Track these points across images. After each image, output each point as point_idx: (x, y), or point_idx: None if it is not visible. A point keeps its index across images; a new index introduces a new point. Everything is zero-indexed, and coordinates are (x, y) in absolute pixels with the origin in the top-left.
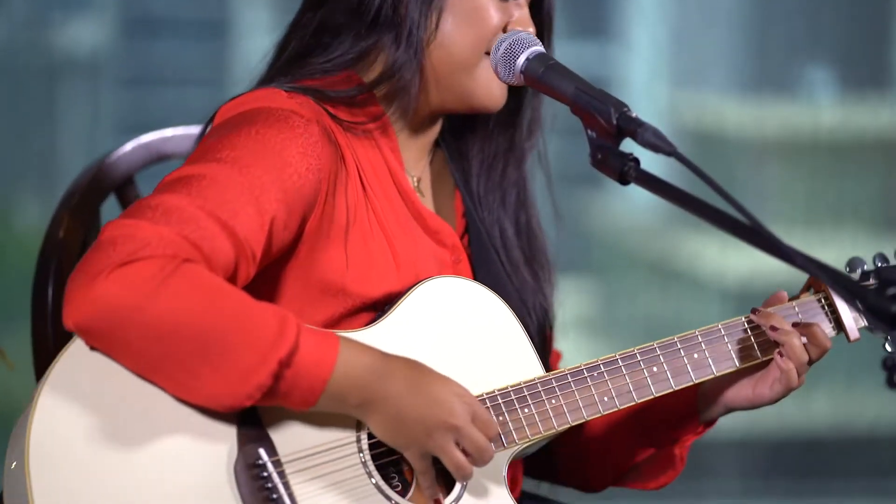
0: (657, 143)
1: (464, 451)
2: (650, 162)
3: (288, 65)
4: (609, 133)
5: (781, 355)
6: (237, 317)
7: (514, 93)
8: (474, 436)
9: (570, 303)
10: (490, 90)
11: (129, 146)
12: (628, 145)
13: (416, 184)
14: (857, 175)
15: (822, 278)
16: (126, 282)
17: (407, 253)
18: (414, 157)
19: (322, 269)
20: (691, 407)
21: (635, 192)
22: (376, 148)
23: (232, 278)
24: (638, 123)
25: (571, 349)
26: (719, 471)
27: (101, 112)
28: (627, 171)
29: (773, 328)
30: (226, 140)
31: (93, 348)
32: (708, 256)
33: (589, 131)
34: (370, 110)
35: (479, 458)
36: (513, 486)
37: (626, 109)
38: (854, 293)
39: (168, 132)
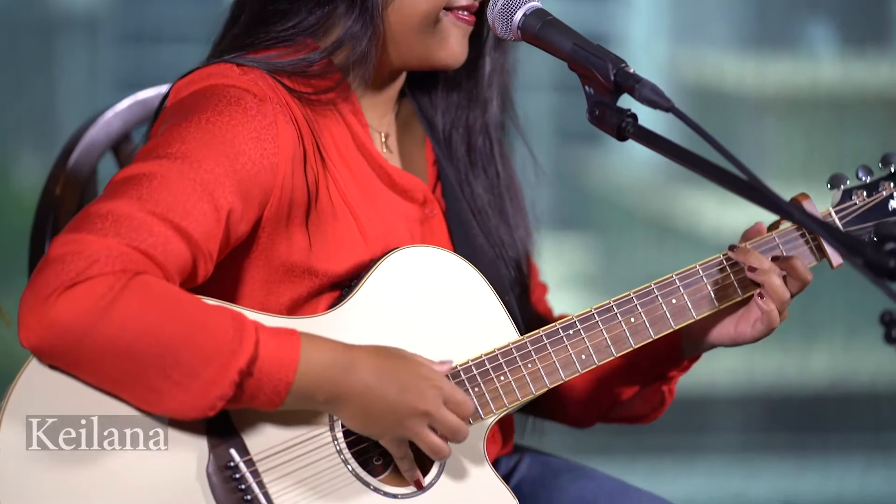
0: (655, 99)
1: (439, 433)
2: (648, 118)
3: (244, 33)
4: (607, 89)
5: (762, 296)
6: (192, 328)
7: (474, 43)
8: (447, 418)
9: (568, 259)
10: (451, 47)
11: (126, 102)
12: (626, 101)
13: (382, 140)
14: (856, 131)
15: (820, 234)
16: (76, 303)
17: (374, 223)
18: (378, 114)
19: (285, 252)
20: (675, 346)
21: (634, 148)
22: (337, 115)
23: (190, 279)
24: (636, 79)
25: (570, 305)
26: (720, 426)
27: (98, 68)
28: (625, 128)
29: (752, 269)
30: (175, 132)
31: (52, 366)
32: (706, 212)
33: (587, 87)
34: (328, 77)
35: (453, 440)
36: (505, 438)
37: (623, 65)
38: (852, 249)
39: (165, 89)
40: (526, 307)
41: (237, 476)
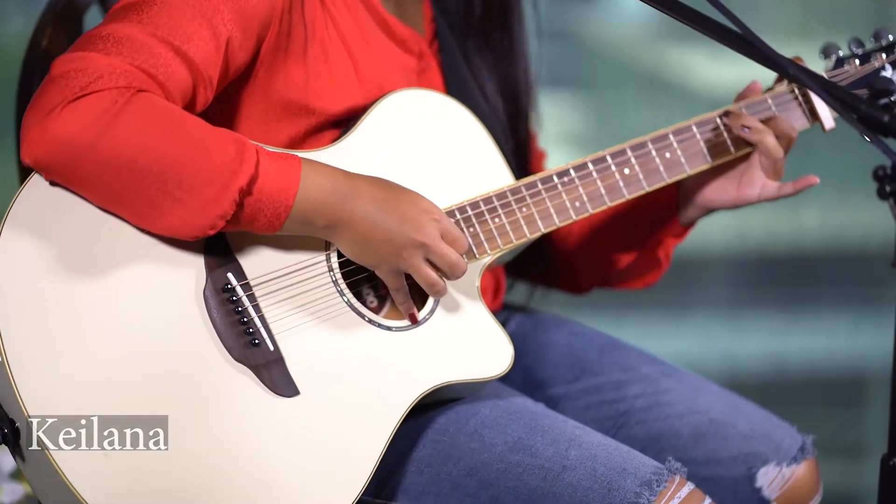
0: None
1: (435, 268)
2: None
3: None
4: None
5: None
6: (194, 146)
7: None
8: (444, 251)
9: (559, 117)
10: None
11: None
12: None
13: None
14: None
15: (813, 89)
16: (79, 117)
17: (370, 67)
18: None
19: (282, 88)
20: (671, 211)
21: (625, 2)
22: None
23: (190, 104)
24: None
25: (562, 164)
26: (710, 283)
27: None
28: None
29: (745, 126)
30: None
31: (53, 183)
32: (698, 68)
33: None
34: None
35: (450, 274)
36: (495, 293)
37: None
38: (846, 104)
39: None
40: (521, 163)
41: (234, 299)
